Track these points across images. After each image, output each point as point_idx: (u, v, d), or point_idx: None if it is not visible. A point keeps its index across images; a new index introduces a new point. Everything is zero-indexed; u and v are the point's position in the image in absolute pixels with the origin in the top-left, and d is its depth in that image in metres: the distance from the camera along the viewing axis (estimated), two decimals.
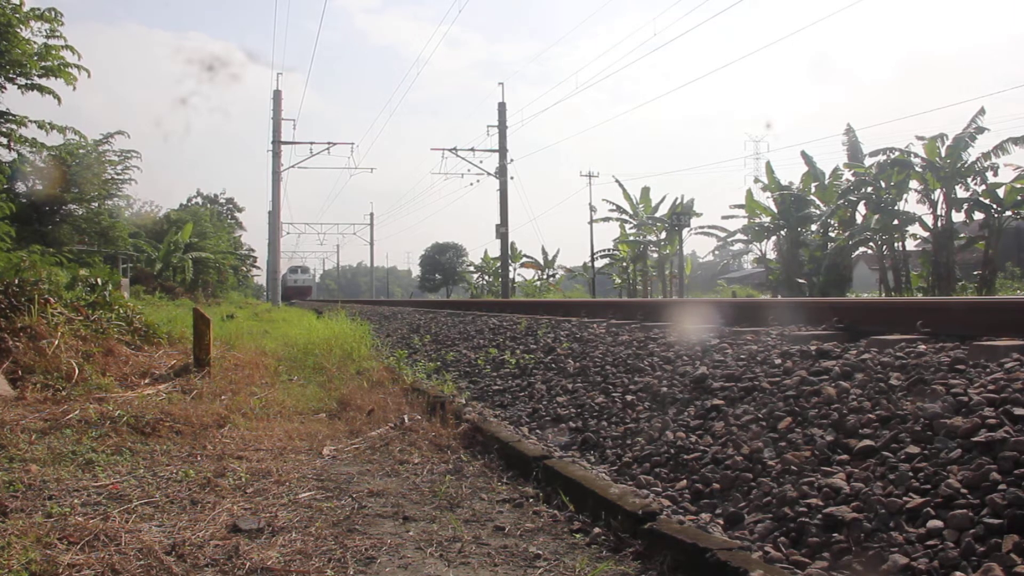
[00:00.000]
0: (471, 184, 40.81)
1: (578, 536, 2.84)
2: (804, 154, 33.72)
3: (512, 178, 31.55)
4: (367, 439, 4.53)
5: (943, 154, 27.41)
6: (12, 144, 14.88)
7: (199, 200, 68.71)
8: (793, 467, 2.84)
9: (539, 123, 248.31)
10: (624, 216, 43.13)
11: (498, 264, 45.67)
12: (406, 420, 4.86)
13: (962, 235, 29.49)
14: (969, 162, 27.06)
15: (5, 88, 13.81)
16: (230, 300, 39.02)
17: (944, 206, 28.18)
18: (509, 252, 37.18)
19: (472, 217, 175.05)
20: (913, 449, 2.60)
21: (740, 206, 37.37)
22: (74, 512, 2.98)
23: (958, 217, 28.56)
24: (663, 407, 4.02)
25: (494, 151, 31.82)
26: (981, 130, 26.78)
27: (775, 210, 35.44)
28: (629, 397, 4.37)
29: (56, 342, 6.08)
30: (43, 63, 13.87)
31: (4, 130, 14.34)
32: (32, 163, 22.07)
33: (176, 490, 3.39)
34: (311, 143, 32.97)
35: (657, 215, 42.09)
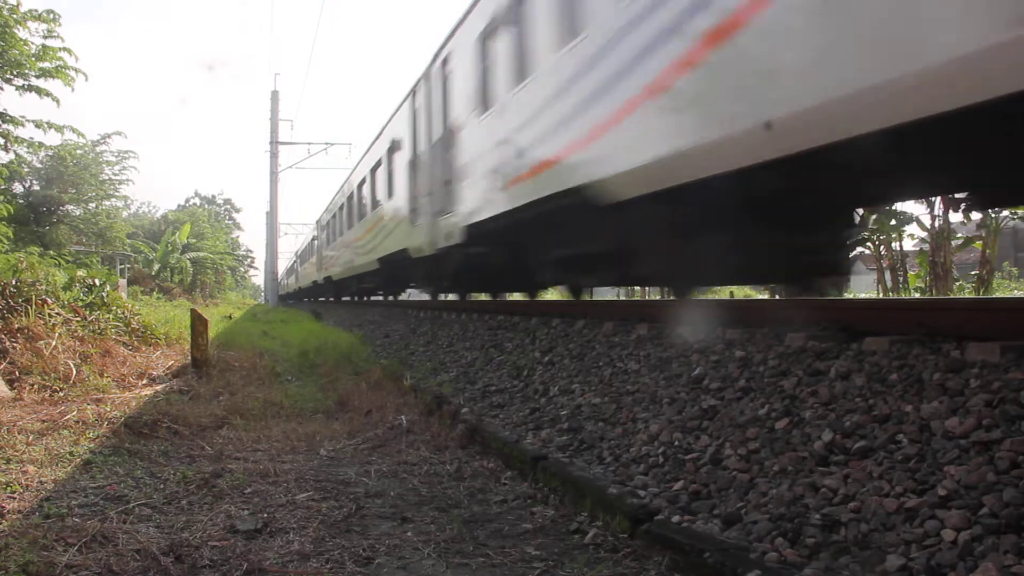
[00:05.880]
0: None
1: (576, 537, 2.84)
2: None
3: None
4: (365, 439, 4.53)
5: None
6: (9, 145, 14.85)
7: (197, 201, 68.78)
8: (790, 467, 2.84)
9: None
10: None
11: None
12: (404, 421, 4.86)
13: (960, 235, 29.54)
14: None
15: (3, 88, 13.79)
16: (228, 301, 39.04)
17: (942, 206, 28.23)
18: None
19: None
20: (910, 449, 2.60)
21: None
22: (72, 513, 2.98)
23: (956, 217, 28.62)
24: (660, 407, 4.02)
25: None
26: None
27: None
28: (627, 398, 4.37)
29: (53, 343, 6.08)
30: (41, 64, 13.84)
31: (1, 131, 14.31)
32: (30, 164, 22.05)
33: (174, 491, 3.39)
34: (309, 143, 32.89)
35: None
